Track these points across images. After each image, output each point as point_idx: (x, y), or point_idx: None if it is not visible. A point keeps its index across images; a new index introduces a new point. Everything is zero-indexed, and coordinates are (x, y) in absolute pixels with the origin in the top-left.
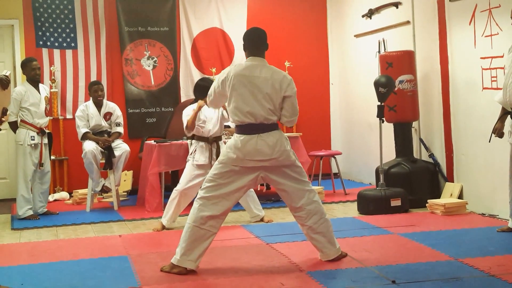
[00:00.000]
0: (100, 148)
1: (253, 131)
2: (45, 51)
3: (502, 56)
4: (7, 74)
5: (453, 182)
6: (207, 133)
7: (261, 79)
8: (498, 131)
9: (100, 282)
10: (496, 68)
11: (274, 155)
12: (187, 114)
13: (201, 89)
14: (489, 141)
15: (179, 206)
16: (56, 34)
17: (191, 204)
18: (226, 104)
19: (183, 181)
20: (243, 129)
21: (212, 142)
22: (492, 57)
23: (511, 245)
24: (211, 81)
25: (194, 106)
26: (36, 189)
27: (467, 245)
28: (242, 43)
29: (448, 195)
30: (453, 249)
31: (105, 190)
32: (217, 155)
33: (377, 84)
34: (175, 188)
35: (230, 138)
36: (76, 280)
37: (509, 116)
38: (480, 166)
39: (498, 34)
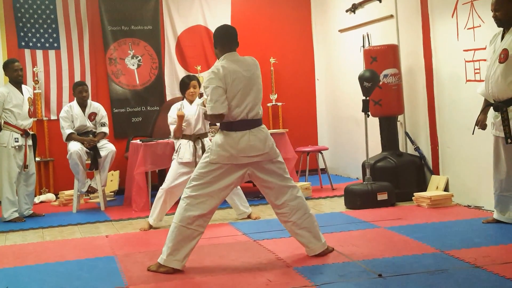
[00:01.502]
0: (85, 149)
1: (245, 127)
2: (27, 52)
3: (484, 48)
4: None
5: (438, 174)
6: (190, 131)
7: (249, 73)
8: (481, 123)
9: (86, 283)
10: (479, 60)
11: (266, 150)
12: (171, 115)
13: (187, 86)
14: (473, 133)
15: (166, 205)
16: (38, 35)
17: (177, 202)
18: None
19: (169, 179)
20: (234, 125)
21: (196, 139)
22: (475, 50)
23: (496, 236)
24: (196, 78)
25: (178, 105)
26: (21, 191)
27: (452, 237)
28: (214, 40)
29: (434, 188)
30: (439, 242)
31: (91, 190)
32: (203, 152)
33: (361, 79)
34: (161, 187)
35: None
36: (62, 282)
37: (491, 108)
38: (465, 159)
39: (480, 26)
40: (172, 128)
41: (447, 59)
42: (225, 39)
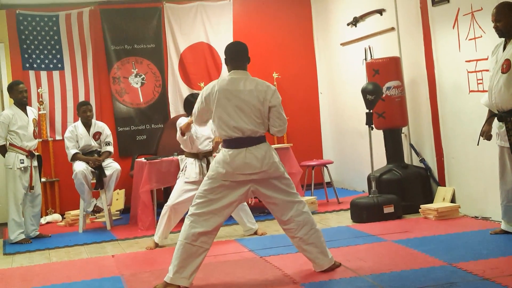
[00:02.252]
0: (90, 168)
1: (241, 145)
2: (32, 73)
3: (486, 59)
4: None
5: (445, 186)
6: (196, 149)
7: (246, 92)
8: (486, 134)
9: None
10: (481, 71)
11: (263, 168)
12: (180, 123)
13: (191, 105)
14: (478, 144)
15: (170, 222)
16: (42, 56)
17: (182, 220)
18: (211, 120)
19: (173, 196)
20: (231, 143)
21: (202, 157)
22: (477, 60)
23: (504, 247)
24: None
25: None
26: (27, 212)
27: (460, 249)
28: (224, 57)
29: (441, 200)
30: (447, 254)
31: (97, 210)
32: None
33: (364, 92)
34: (165, 204)
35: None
36: None
37: (496, 118)
38: (471, 169)
39: (481, 36)
40: (179, 128)
41: (449, 70)
42: (230, 57)
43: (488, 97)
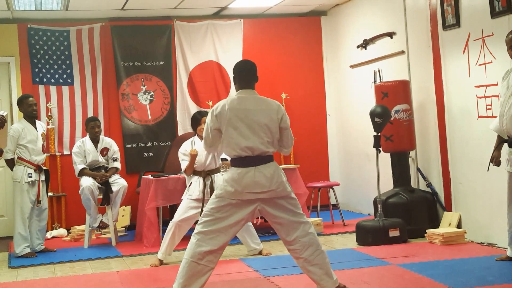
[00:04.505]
0: (97, 184)
1: (250, 164)
2: (41, 88)
3: (496, 84)
4: (3, 114)
5: (451, 211)
6: (200, 167)
7: (257, 111)
8: (496, 160)
9: None
10: (491, 96)
11: (272, 187)
12: (183, 152)
13: (198, 122)
14: (488, 170)
15: (174, 238)
16: (52, 71)
17: (186, 238)
18: (221, 139)
19: (179, 212)
20: (240, 162)
21: (206, 175)
22: (486, 86)
23: (510, 274)
24: (207, 114)
25: (189, 143)
26: (33, 226)
27: (466, 275)
28: (233, 76)
29: (447, 225)
30: (452, 279)
31: (102, 226)
32: (211, 188)
33: (373, 114)
34: (171, 220)
35: (227, 171)
36: None
37: (505, 144)
38: (478, 195)
39: (491, 62)
40: (183, 165)
41: (458, 95)
42: (239, 76)
43: (499, 123)
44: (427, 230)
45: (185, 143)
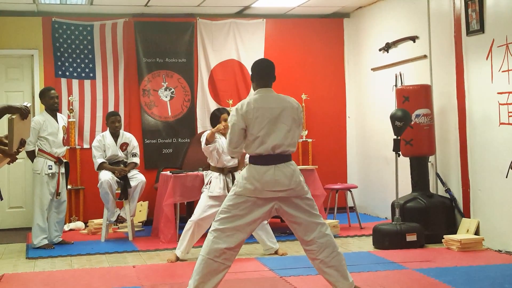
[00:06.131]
0: (116, 178)
1: (271, 162)
2: (63, 81)
3: None
4: (27, 106)
5: (469, 217)
6: (222, 164)
7: (281, 109)
8: None
9: None
10: None
11: (291, 186)
12: (205, 134)
13: (217, 119)
14: (506, 177)
15: (193, 237)
16: (75, 65)
17: (204, 235)
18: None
19: (198, 211)
20: (260, 160)
21: (228, 173)
22: (509, 92)
23: None
24: (227, 111)
25: None
26: (52, 218)
27: (482, 282)
28: (251, 73)
29: (465, 231)
30: (468, 286)
31: (120, 220)
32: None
33: (393, 118)
34: (189, 219)
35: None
36: None
37: None
38: (496, 202)
39: None
40: (204, 139)
41: (480, 101)
42: (259, 74)
43: None
44: (444, 236)
45: (207, 131)
